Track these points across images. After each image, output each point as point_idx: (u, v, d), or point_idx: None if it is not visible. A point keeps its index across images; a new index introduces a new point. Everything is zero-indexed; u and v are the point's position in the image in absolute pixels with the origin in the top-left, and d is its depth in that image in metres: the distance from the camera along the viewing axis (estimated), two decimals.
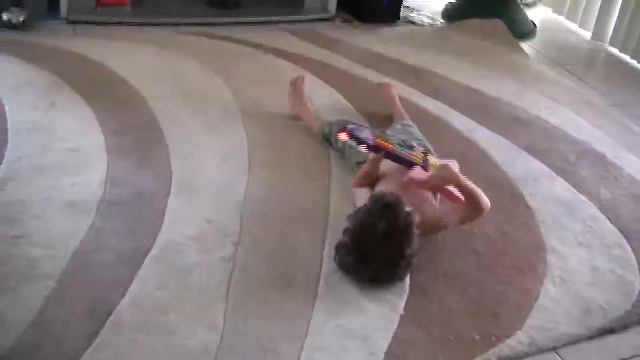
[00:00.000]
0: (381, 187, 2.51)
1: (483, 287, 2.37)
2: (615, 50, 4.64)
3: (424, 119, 3.30)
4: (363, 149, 2.51)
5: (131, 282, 2.16)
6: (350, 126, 2.54)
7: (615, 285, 2.48)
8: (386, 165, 2.59)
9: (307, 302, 2.19)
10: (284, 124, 3.15)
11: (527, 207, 2.83)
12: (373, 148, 2.52)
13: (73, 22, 3.94)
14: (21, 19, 3.77)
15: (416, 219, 2.31)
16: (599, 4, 4.76)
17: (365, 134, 2.52)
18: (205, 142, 2.94)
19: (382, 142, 2.55)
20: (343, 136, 2.52)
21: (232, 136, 3.01)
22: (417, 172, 2.52)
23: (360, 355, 2.04)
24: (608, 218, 2.83)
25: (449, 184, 2.50)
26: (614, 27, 4.65)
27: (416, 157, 2.58)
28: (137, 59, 3.58)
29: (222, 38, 3.94)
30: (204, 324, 2.05)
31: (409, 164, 2.54)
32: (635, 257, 2.63)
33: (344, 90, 3.52)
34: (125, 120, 3.01)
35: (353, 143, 2.51)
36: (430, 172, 2.53)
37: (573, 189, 2.99)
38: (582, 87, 4.04)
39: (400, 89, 3.55)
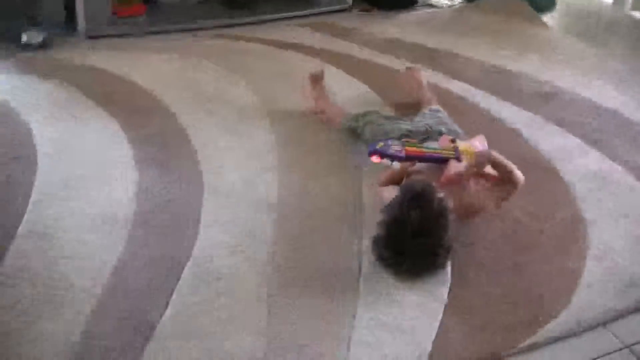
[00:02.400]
0: None
1: (525, 268, 2.34)
2: (638, 15, 4.57)
3: (448, 101, 3.27)
4: (397, 164, 2.49)
5: (172, 294, 2.15)
6: (379, 145, 2.51)
7: None
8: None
9: (349, 300, 2.17)
10: (309, 120, 3.13)
11: (563, 182, 2.79)
12: (406, 160, 2.50)
13: (91, 37, 3.95)
14: (40, 39, 3.79)
15: (451, 204, 2.28)
16: None
17: (395, 148, 2.50)
18: (233, 144, 2.93)
19: (412, 149, 2.52)
20: (375, 159, 2.50)
21: (258, 136, 3.00)
22: (453, 167, 2.48)
23: (407, 349, 2.02)
24: None
25: (485, 167, 2.49)
26: None
27: (447, 150, 2.55)
28: (157, 67, 3.58)
29: (240, 38, 3.93)
30: (249, 330, 2.04)
31: (443, 161, 2.52)
32: None
33: (367, 79, 3.50)
34: (150, 129, 3.00)
35: (387, 162, 2.49)
36: (465, 162, 2.50)
37: (607, 159, 2.94)
38: (606, 54, 3.99)
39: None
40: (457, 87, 3.47)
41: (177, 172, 2.73)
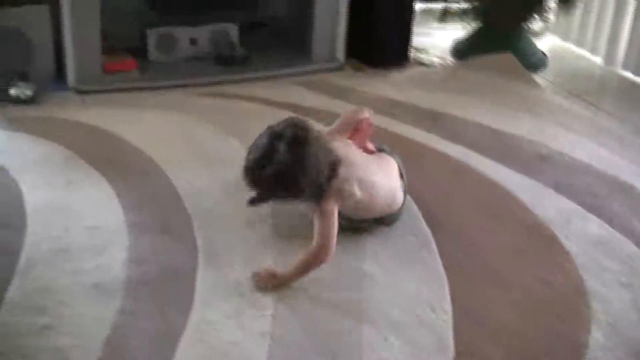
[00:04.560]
0: None
1: (527, 340, 2.28)
2: (629, 74, 4.59)
3: (444, 165, 3.26)
4: None
5: None
6: None
7: None
8: None
9: None
10: None
11: (563, 249, 2.75)
12: None
13: (81, 92, 3.90)
14: (29, 92, 3.75)
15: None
16: (608, 28, 4.72)
17: None
18: (228, 208, 2.87)
19: None
20: None
21: None
22: None
23: None
24: None
25: None
26: (626, 51, 4.60)
27: None
28: (150, 125, 3.53)
29: (232, 96, 3.89)
30: None
31: None
32: None
33: None
34: (143, 191, 2.94)
35: None
36: None
37: (607, 225, 2.91)
38: (599, 115, 3.99)
39: (416, 134, 3.53)
40: (454, 150, 3.44)
41: (172, 238, 2.66)
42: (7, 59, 3.81)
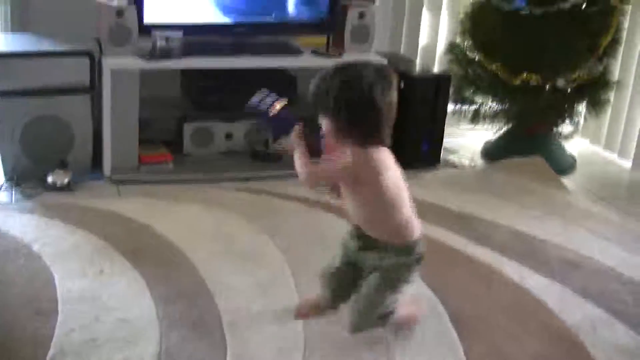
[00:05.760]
0: None
1: None
2: None
3: (472, 268, 3.28)
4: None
5: None
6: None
7: None
8: None
9: None
10: None
11: (589, 357, 2.74)
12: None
13: (116, 182, 3.98)
14: (65, 180, 3.84)
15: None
16: (637, 132, 4.76)
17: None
18: (258, 307, 2.89)
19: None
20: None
21: (285, 299, 2.95)
22: None
23: None
24: None
25: None
26: None
27: None
28: (182, 219, 3.60)
29: (266, 193, 3.95)
30: None
31: None
32: None
33: None
34: (175, 286, 2.98)
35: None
36: None
37: (633, 333, 2.90)
38: (629, 221, 3.98)
39: (445, 237, 3.56)
40: (482, 253, 3.46)
41: (202, 335, 2.68)
42: (47, 146, 3.92)
